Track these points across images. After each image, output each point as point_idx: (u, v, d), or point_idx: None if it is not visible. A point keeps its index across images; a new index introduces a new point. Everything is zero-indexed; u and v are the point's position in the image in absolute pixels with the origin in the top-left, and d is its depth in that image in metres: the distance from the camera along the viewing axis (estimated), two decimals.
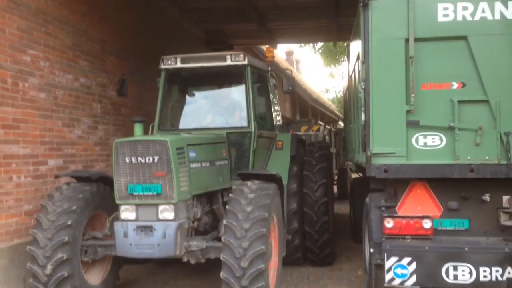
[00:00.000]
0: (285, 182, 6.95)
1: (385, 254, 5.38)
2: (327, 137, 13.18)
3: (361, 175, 8.84)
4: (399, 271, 5.38)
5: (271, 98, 7.73)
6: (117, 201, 5.41)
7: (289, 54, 36.90)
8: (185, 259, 5.49)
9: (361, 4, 5.36)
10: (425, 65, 5.26)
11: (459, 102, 5.17)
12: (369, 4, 5.30)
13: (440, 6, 5.21)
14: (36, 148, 6.40)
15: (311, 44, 22.68)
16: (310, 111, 27.38)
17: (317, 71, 78.51)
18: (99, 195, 5.79)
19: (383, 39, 5.30)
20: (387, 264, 5.37)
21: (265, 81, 7.61)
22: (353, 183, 10.05)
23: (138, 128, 6.49)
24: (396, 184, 5.63)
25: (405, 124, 5.26)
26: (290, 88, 6.95)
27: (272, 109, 7.78)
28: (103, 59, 8.25)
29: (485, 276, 5.22)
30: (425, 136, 5.27)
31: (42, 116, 6.56)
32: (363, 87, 5.41)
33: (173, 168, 5.28)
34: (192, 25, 13.11)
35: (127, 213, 5.38)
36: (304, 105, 25.90)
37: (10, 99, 6.01)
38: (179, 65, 7.04)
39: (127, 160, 5.29)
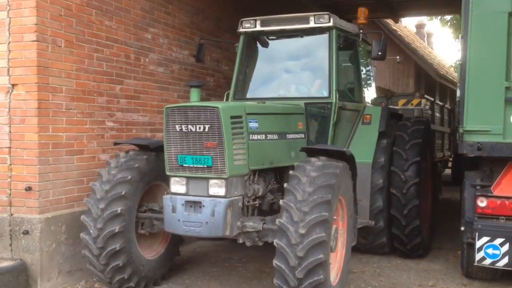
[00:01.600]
0: (369, 160, 6.48)
1: (477, 233, 5.32)
2: (437, 114, 11.92)
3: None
4: (490, 251, 5.29)
5: (360, 66, 6.97)
6: (168, 173, 5.04)
7: (420, 27, 35.13)
8: (240, 241, 5.01)
9: None
10: None
11: None
12: None
13: None
14: (153, 117, 7.20)
15: (440, 17, 21.44)
16: (437, 88, 26.04)
17: (451, 45, 73.26)
18: (158, 165, 5.38)
19: (484, 12, 5.13)
20: (478, 244, 5.31)
21: (355, 46, 6.84)
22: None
23: (194, 94, 6.07)
24: (493, 163, 5.48)
25: (503, 101, 5.08)
26: (380, 53, 6.00)
27: (361, 79, 7.00)
28: (218, 36, 8.85)
29: None
30: None
31: (159, 88, 7.34)
32: (459, 62, 5.28)
33: (225, 139, 4.75)
34: (310, 1, 13.26)
35: (177, 186, 5.01)
36: (430, 81, 24.71)
37: (133, 73, 6.82)
38: (258, 28, 6.55)
39: (178, 128, 4.89)
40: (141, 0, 6.99)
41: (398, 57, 18.75)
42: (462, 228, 5.53)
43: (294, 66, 6.73)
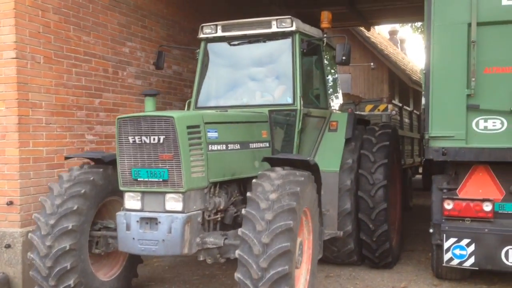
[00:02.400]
0: (336, 168, 6.28)
1: (444, 235, 5.57)
2: (406, 120, 11.91)
3: None
4: (457, 251, 5.54)
5: (325, 72, 6.73)
6: (121, 188, 4.71)
7: (393, 33, 35.81)
8: (200, 258, 4.74)
9: None
10: (488, 49, 5.30)
11: None
12: None
13: None
14: None
15: (411, 24, 22.01)
16: (411, 93, 26.63)
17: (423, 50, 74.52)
18: (114, 179, 4.92)
19: (445, 24, 5.41)
20: (446, 245, 5.55)
21: (319, 51, 6.58)
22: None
23: (149, 103, 5.81)
24: (457, 167, 5.76)
25: (465, 108, 5.36)
26: (344, 58, 5.79)
27: (327, 85, 6.78)
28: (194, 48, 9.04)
29: None
30: (485, 120, 5.34)
31: (138, 100, 7.48)
32: (424, 71, 5.57)
33: (181, 150, 4.47)
34: (283, 10, 13.56)
35: (131, 201, 4.68)
36: (404, 87, 25.27)
37: (111, 86, 6.97)
38: (219, 33, 6.30)
39: (131, 139, 4.57)
40: (118, 15, 7.16)
41: (372, 64, 19.16)
42: (431, 230, 5.78)
43: (257, 73, 6.49)
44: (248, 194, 4.35)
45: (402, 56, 29.57)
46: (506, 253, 5.35)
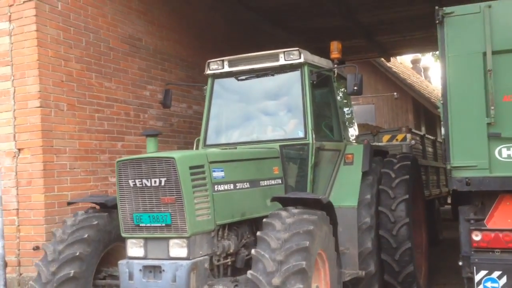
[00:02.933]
0: (354, 204, 5.94)
1: (474, 268, 5.40)
2: (429, 149, 11.38)
3: None
4: (489, 284, 5.35)
5: (338, 103, 6.54)
6: (123, 234, 4.53)
7: (416, 62, 35.77)
8: None
9: (437, 21, 5.51)
10: (505, 76, 5.23)
11: None
12: (444, 21, 5.44)
13: None
14: None
15: (432, 52, 21.97)
16: (438, 121, 26.35)
17: None
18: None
19: (459, 54, 5.38)
20: (477, 278, 5.37)
21: (330, 82, 6.40)
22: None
23: (150, 144, 5.65)
24: (483, 197, 5.61)
25: (486, 136, 5.27)
26: (355, 88, 5.57)
27: (340, 116, 6.56)
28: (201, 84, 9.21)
29: None
30: (508, 148, 5.22)
31: (160, 141, 7.63)
32: (441, 101, 5.53)
33: (184, 193, 4.26)
34: (301, 46, 13.75)
35: (134, 249, 4.46)
36: (429, 115, 25.03)
37: (133, 129, 7.15)
38: (226, 68, 6.18)
39: (131, 183, 4.37)
40: (138, 61, 7.39)
41: (395, 94, 19.06)
42: (460, 263, 5.62)
43: (267, 107, 6.31)
44: (258, 233, 4.19)
45: (426, 84, 29.42)
46: None
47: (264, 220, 4.30)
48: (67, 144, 6.01)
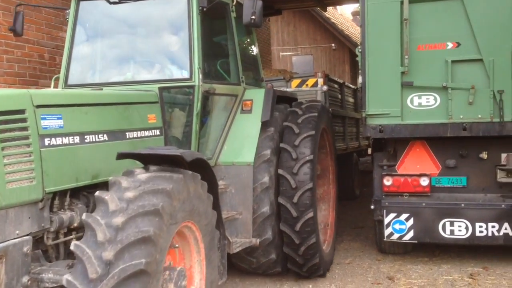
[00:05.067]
0: (250, 160, 4.97)
1: (384, 211, 5.66)
2: (349, 99, 10.19)
3: None
4: (397, 226, 5.64)
5: (236, 38, 5.34)
6: None
7: (356, 14, 35.87)
8: None
9: None
10: (420, 26, 5.34)
11: (453, 62, 5.24)
12: None
13: None
14: None
15: None
16: None
17: None
18: None
19: (378, 2, 5.42)
20: (386, 220, 5.66)
21: (226, 12, 5.26)
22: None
23: None
24: (396, 144, 5.83)
25: (400, 85, 5.41)
26: (253, 18, 4.62)
27: (238, 54, 5.35)
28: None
29: (481, 232, 5.38)
30: (419, 97, 5.40)
31: None
32: (359, 50, 5.58)
33: None
34: None
35: None
36: None
37: (48, 73, 6.78)
38: None
39: None
40: None
41: (333, 45, 18.76)
42: (372, 207, 5.87)
43: (145, 39, 5.14)
44: (96, 193, 3.14)
45: None
46: (443, 225, 5.49)
47: (96, 194, 3.16)
48: None
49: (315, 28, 24.03)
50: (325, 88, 7.92)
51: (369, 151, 12.90)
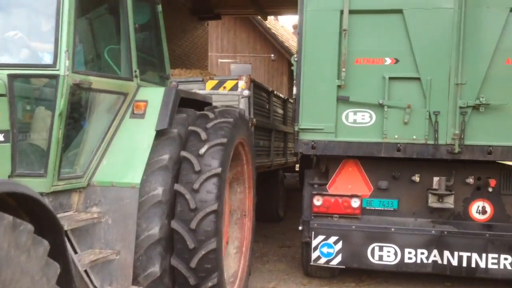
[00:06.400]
0: (136, 181, 3.78)
1: (313, 233, 5.32)
2: (279, 110, 9.10)
3: None
4: (325, 250, 5.31)
5: (129, 19, 4.15)
6: None
7: (297, 27, 36.41)
8: None
9: None
10: (360, 39, 5.06)
11: (391, 78, 4.99)
12: None
13: None
14: None
15: None
16: None
17: None
18: None
19: (317, 9, 5.10)
20: (314, 243, 5.32)
21: None
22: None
23: None
24: (329, 161, 5.51)
25: (335, 99, 5.09)
26: None
27: (131, 42, 4.15)
28: None
29: (410, 258, 5.16)
30: (355, 113, 5.11)
31: None
32: (296, 59, 5.22)
33: None
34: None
35: None
36: None
37: None
38: None
39: None
40: None
41: (272, 55, 18.51)
42: (300, 228, 5.51)
43: None
44: None
45: None
46: (372, 250, 5.22)
47: None
48: None
49: (255, 37, 23.89)
50: (246, 92, 6.65)
51: (297, 167, 11.99)
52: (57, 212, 3.49)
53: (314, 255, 5.31)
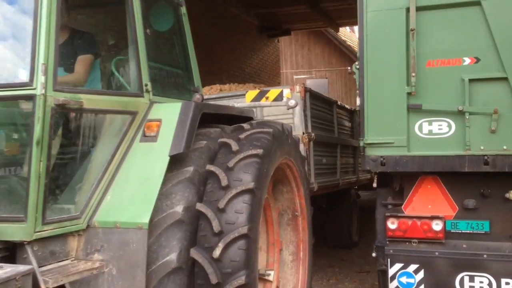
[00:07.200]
0: (143, 221, 3.14)
1: (388, 260, 4.70)
2: (346, 123, 8.34)
3: None
4: (404, 279, 4.67)
5: (137, 24, 3.57)
6: None
7: None
8: None
9: None
10: (431, 38, 4.44)
11: (471, 80, 4.30)
12: None
13: None
14: None
15: None
16: None
17: None
18: None
19: (380, 10, 4.57)
20: (391, 272, 4.69)
21: None
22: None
23: None
24: (402, 179, 4.88)
25: (405, 108, 4.49)
26: None
27: (140, 50, 3.58)
28: None
29: None
30: (430, 123, 4.47)
31: None
32: (357, 66, 4.70)
33: None
34: (242, 11, 12.74)
35: None
36: None
37: None
38: None
39: None
40: None
41: (349, 68, 17.99)
42: (374, 254, 4.90)
43: None
44: None
45: None
46: (461, 280, 4.50)
47: None
48: None
49: (330, 51, 23.40)
50: (292, 103, 5.70)
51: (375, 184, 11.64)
52: (48, 262, 2.92)
53: (392, 286, 4.68)
